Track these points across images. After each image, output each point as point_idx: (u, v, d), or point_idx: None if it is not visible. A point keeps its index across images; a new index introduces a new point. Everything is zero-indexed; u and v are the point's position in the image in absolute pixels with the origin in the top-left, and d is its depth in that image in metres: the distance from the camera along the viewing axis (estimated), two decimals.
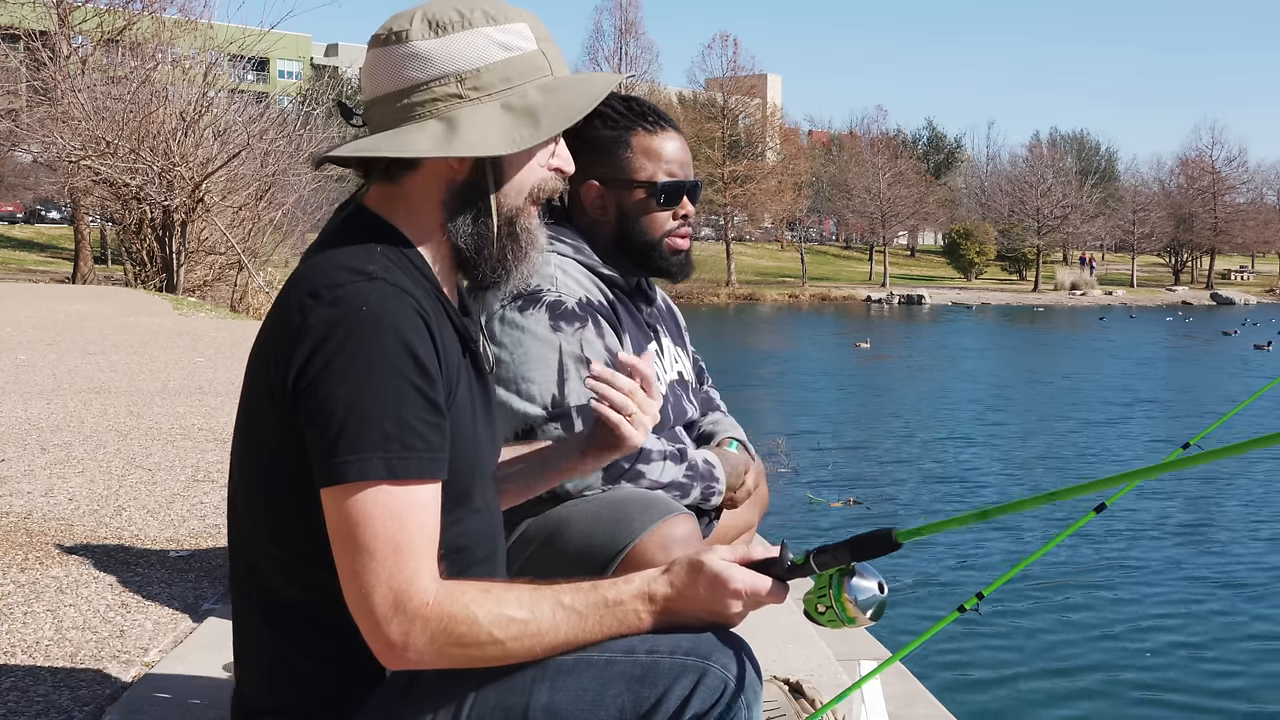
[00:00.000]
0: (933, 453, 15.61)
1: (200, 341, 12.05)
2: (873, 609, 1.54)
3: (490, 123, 1.56)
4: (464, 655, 1.47)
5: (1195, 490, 13.06)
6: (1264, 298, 72.45)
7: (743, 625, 1.65)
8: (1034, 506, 1.49)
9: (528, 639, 1.48)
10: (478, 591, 1.47)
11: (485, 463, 1.67)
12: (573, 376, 2.26)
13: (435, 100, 1.56)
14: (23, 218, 57.99)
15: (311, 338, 1.45)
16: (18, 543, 3.93)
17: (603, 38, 68.04)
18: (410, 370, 1.45)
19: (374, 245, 1.54)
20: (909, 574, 9.27)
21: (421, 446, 1.45)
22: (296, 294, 1.49)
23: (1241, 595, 9.07)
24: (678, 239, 2.46)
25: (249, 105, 25.37)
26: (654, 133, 2.43)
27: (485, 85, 1.57)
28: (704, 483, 2.36)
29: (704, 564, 1.54)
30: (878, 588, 1.55)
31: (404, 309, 1.47)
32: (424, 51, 1.56)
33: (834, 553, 1.55)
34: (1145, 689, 7.08)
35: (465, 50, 1.56)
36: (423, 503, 1.46)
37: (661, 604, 1.53)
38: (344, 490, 1.43)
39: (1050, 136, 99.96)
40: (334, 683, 1.56)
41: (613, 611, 1.51)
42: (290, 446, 1.48)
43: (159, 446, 5.95)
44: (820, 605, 1.56)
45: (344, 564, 1.45)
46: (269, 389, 1.50)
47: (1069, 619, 8.33)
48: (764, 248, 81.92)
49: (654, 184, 2.42)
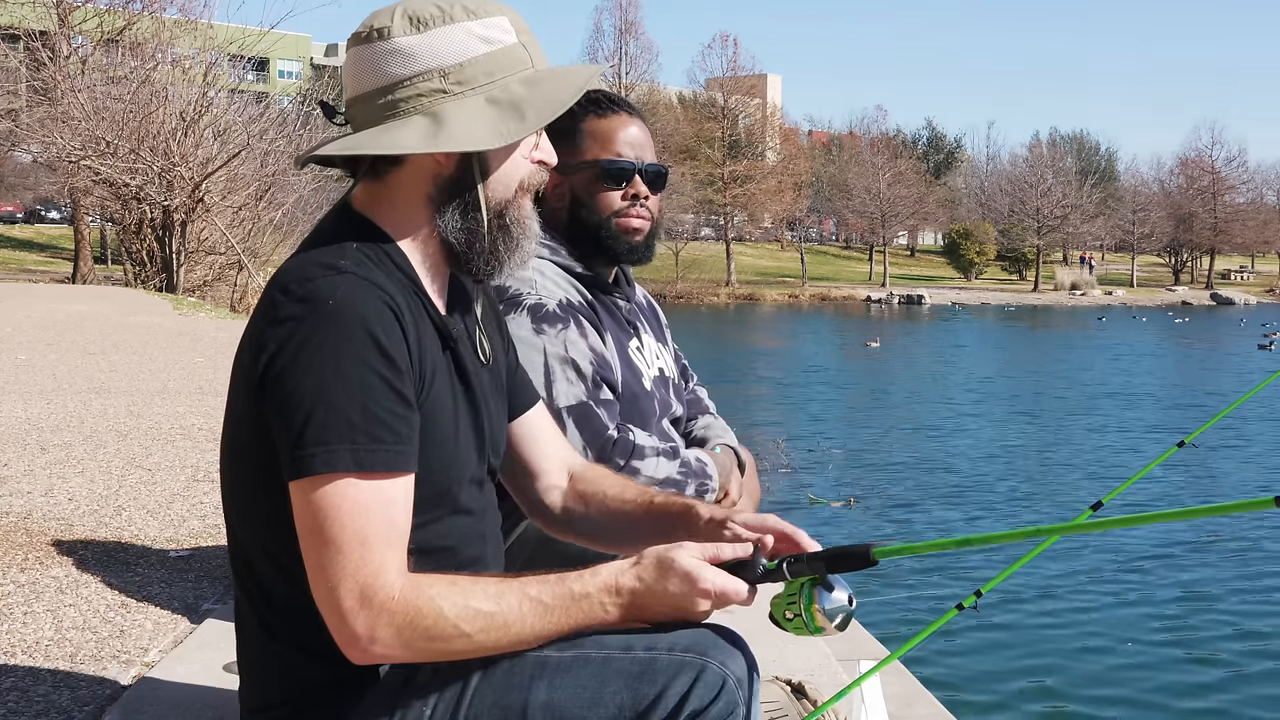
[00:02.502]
0: (934, 452, 15.61)
1: (200, 341, 12.05)
2: (839, 619, 1.55)
3: (476, 117, 1.56)
4: (430, 648, 1.46)
5: (1194, 487, 13.08)
6: (1264, 298, 72.45)
7: (742, 625, 1.65)
8: (1014, 540, 1.50)
9: (494, 631, 1.47)
10: (444, 584, 1.46)
11: (468, 462, 1.65)
12: (559, 378, 2.26)
13: (419, 96, 1.56)
14: (23, 218, 57.98)
15: (280, 331, 1.46)
16: (18, 543, 3.93)
17: (603, 37, 68.10)
18: (377, 362, 1.45)
19: (350, 243, 1.55)
20: (906, 573, 9.28)
21: (389, 439, 1.45)
22: (270, 290, 1.51)
23: (1241, 593, 9.07)
24: (629, 219, 2.44)
25: (249, 105, 25.37)
26: (605, 116, 2.44)
27: (468, 79, 1.57)
28: (697, 480, 2.36)
29: (674, 560, 1.53)
30: (847, 600, 1.55)
31: (371, 301, 1.47)
32: (406, 47, 1.56)
33: (809, 563, 1.55)
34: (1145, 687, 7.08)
35: (447, 45, 1.56)
36: (391, 496, 1.46)
37: (628, 597, 1.52)
38: (310, 483, 1.43)
39: (1050, 136, 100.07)
40: (329, 679, 1.56)
41: (579, 604, 1.51)
42: (265, 441, 1.49)
43: (159, 446, 5.95)
44: (789, 612, 1.56)
45: (310, 557, 1.45)
46: (246, 384, 1.51)
47: (1068, 618, 8.33)
48: (764, 248, 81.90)
49: (597, 163, 2.42)
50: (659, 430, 2.47)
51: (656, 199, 2.49)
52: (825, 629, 1.54)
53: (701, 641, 1.54)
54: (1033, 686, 7.06)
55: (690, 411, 2.73)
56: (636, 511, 1.82)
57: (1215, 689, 7.10)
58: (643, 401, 2.44)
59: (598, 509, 1.86)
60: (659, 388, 2.52)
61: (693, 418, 2.73)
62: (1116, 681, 7.18)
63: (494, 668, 1.55)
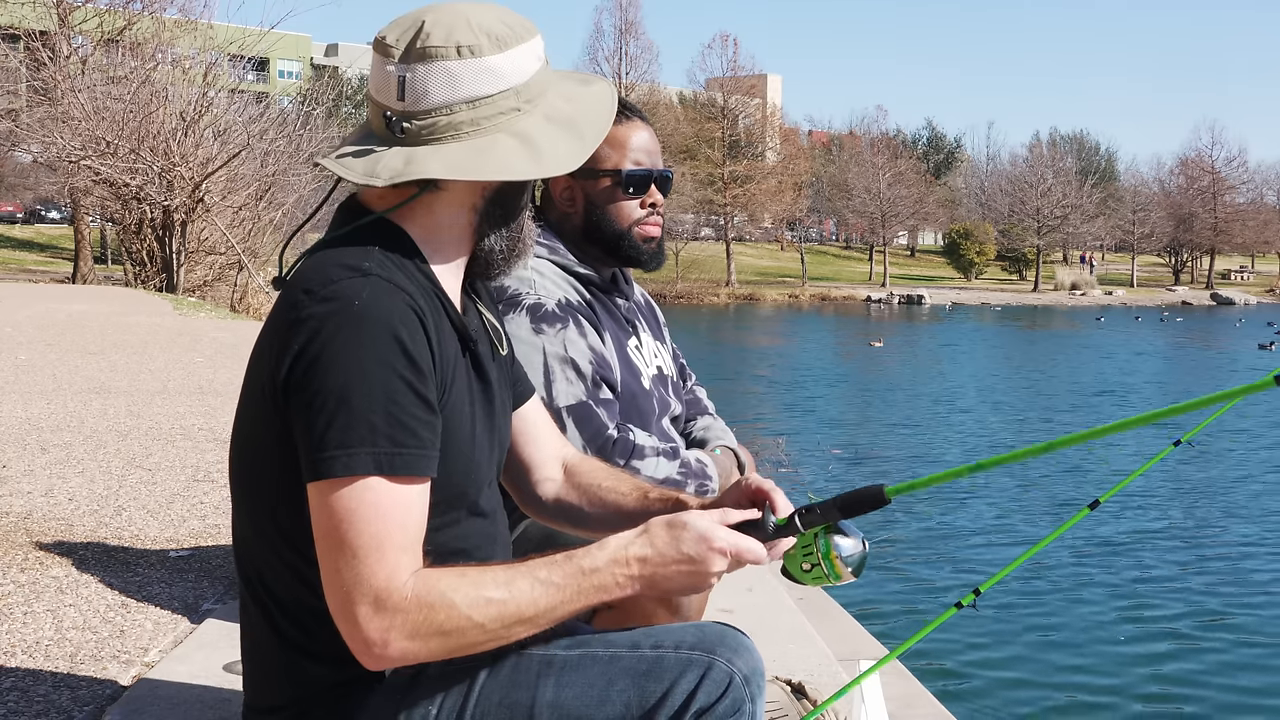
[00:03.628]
0: (934, 452, 15.61)
1: (200, 341, 12.05)
2: (856, 565, 1.56)
3: (556, 136, 1.59)
4: (447, 644, 1.45)
5: (1191, 485, 13.11)
6: (1264, 298, 72.46)
7: (744, 625, 1.65)
8: (1028, 457, 1.50)
9: (509, 618, 1.46)
10: (454, 577, 1.46)
11: (484, 465, 1.66)
12: (559, 378, 2.27)
13: (500, 114, 1.57)
14: (23, 218, 57.99)
15: (304, 332, 1.45)
16: (18, 543, 3.93)
17: (603, 38, 68.11)
18: (402, 365, 1.45)
19: (373, 245, 1.54)
20: (907, 573, 9.28)
21: (411, 443, 1.45)
22: (293, 291, 1.50)
23: (1240, 589, 9.09)
24: (647, 227, 2.46)
25: (249, 105, 25.38)
26: (619, 123, 2.43)
27: (534, 97, 1.60)
28: (697, 480, 2.36)
29: (686, 522, 1.53)
30: (862, 544, 1.57)
31: (397, 304, 1.47)
32: (493, 66, 1.56)
33: (823, 511, 1.56)
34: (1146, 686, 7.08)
35: (522, 63, 1.58)
36: (409, 501, 1.45)
37: (638, 567, 1.51)
38: (330, 485, 1.42)
39: (1050, 136, 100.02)
40: (336, 681, 1.55)
41: (590, 579, 1.49)
42: (285, 443, 1.48)
43: (159, 446, 5.95)
44: (805, 564, 1.57)
45: (325, 561, 1.44)
46: (263, 385, 1.50)
47: (1068, 618, 8.33)
48: (764, 248, 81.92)
49: (619, 172, 2.42)
50: (659, 429, 2.48)
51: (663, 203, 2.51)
52: (844, 575, 1.55)
53: (708, 639, 1.54)
54: (1034, 686, 7.06)
55: (689, 412, 2.73)
56: (631, 504, 1.83)
57: (1217, 688, 7.10)
58: (641, 400, 2.44)
59: (593, 501, 1.86)
60: (657, 386, 2.53)
61: (691, 418, 2.73)
62: (1117, 681, 7.18)
63: (500, 666, 1.55)
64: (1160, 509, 11.83)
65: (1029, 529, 10.75)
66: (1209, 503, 12.37)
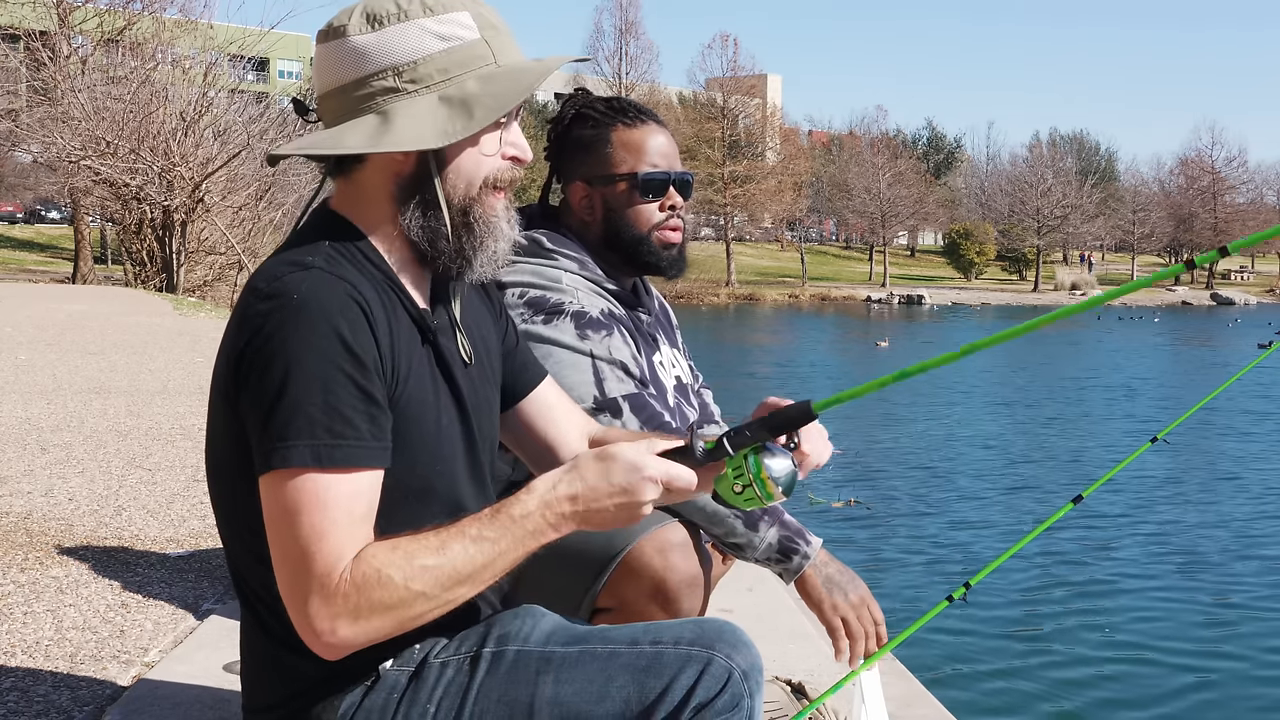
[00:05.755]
0: (933, 452, 15.62)
1: (200, 341, 12.05)
2: (787, 484, 1.55)
3: (425, 116, 1.55)
4: (393, 619, 1.44)
5: (1174, 478, 13.19)
6: (1264, 298, 72.48)
7: (744, 624, 1.65)
8: (951, 361, 1.48)
9: (448, 580, 1.45)
10: (385, 550, 1.45)
11: (457, 458, 1.64)
12: (609, 376, 2.25)
13: (373, 95, 1.56)
14: (23, 218, 58.01)
15: (248, 330, 1.46)
16: (18, 543, 3.93)
17: (603, 38, 68.14)
18: (341, 357, 1.45)
19: (323, 241, 1.55)
20: (897, 568, 9.31)
21: (350, 434, 1.44)
22: (243, 291, 1.53)
23: (1230, 581, 9.12)
24: (667, 232, 2.43)
25: (249, 105, 25.39)
26: (634, 126, 2.41)
27: (422, 78, 1.56)
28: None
29: (614, 454, 1.52)
30: (792, 463, 1.56)
31: (336, 296, 1.47)
32: (361, 46, 1.56)
33: (753, 432, 1.55)
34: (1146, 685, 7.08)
35: (401, 43, 1.56)
36: (352, 492, 1.45)
37: (569, 505, 1.50)
38: (273, 478, 1.43)
39: (1050, 136, 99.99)
40: (329, 679, 1.55)
41: (522, 525, 1.48)
42: (241, 441, 1.49)
43: (159, 446, 5.95)
44: (737, 485, 1.55)
45: (274, 553, 1.45)
46: (220, 386, 1.52)
47: (1069, 618, 8.33)
48: (764, 248, 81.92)
49: (635, 175, 2.39)
50: None
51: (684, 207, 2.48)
52: (775, 495, 1.54)
53: (706, 635, 1.55)
54: (1034, 686, 7.06)
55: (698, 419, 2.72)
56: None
57: (1217, 685, 7.10)
58: (666, 417, 2.44)
59: None
60: (678, 398, 2.53)
61: (700, 425, 2.72)
62: (1117, 680, 7.18)
63: (499, 663, 1.55)
64: (1147, 502, 11.96)
65: (1017, 525, 10.86)
66: (1197, 494, 12.50)
